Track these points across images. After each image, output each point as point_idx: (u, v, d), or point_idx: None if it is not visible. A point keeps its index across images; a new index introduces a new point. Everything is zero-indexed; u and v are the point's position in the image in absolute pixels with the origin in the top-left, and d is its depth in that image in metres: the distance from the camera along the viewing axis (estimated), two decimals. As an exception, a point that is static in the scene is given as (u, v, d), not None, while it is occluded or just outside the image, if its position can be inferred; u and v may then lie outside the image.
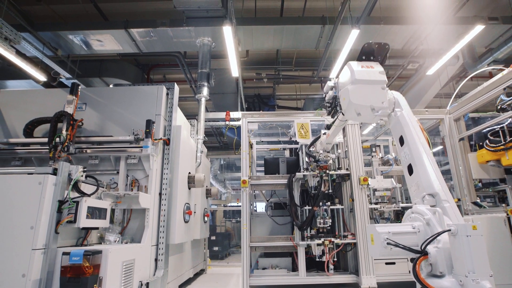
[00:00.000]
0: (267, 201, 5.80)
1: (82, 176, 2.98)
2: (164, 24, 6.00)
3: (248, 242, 4.56)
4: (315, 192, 4.44)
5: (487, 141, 4.12)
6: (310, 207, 4.42)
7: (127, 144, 3.89)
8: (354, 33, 5.71)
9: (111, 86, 4.82)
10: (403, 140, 2.56)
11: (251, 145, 5.65)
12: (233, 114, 8.27)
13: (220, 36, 5.93)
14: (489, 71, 8.18)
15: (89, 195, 2.97)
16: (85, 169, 3.06)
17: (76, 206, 2.80)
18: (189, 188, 4.79)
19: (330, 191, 4.50)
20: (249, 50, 7.85)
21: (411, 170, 2.47)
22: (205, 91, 5.93)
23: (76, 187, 2.91)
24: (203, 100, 5.89)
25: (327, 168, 4.46)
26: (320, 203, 4.38)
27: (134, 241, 3.70)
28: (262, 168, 5.69)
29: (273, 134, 6.54)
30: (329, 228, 4.48)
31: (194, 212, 5.01)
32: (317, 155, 4.35)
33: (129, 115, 4.13)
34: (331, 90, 2.98)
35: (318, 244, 4.33)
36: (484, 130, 4.31)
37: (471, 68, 7.25)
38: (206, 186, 5.99)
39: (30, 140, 3.93)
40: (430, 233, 2.03)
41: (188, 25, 5.88)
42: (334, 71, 7.06)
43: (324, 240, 4.32)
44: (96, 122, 4.13)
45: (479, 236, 1.77)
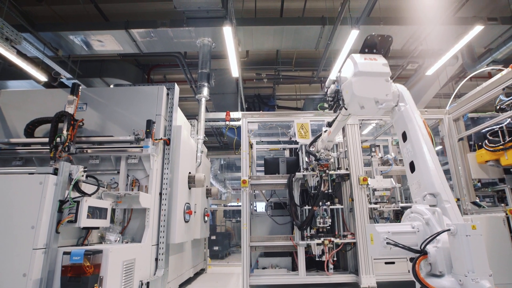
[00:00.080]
0: (267, 201, 5.81)
1: (83, 176, 2.99)
2: (165, 25, 6.01)
3: (248, 242, 4.57)
4: (315, 192, 4.45)
5: (486, 141, 4.13)
6: (310, 207, 4.43)
7: (128, 144, 3.91)
8: (354, 34, 5.72)
9: (112, 86, 4.83)
10: (406, 136, 2.50)
11: (251, 145, 5.66)
12: (233, 114, 8.28)
13: (220, 37, 5.95)
14: (488, 72, 8.19)
15: (90, 195, 2.98)
16: (86, 169, 3.07)
17: (77, 206, 2.80)
18: (190, 188, 4.80)
19: (330, 191, 4.51)
20: (249, 51, 7.85)
21: (413, 168, 2.41)
22: (205, 91, 5.94)
23: (77, 187, 2.91)
24: (203, 100, 5.90)
25: (328, 167, 4.45)
26: (320, 203, 4.38)
27: (135, 241, 3.71)
28: (262, 168, 5.70)
29: (273, 134, 6.55)
30: (329, 228, 4.49)
31: (195, 212, 5.02)
32: (318, 154, 4.33)
33: (130, 115, 4.14)
34: (333, 84, 2.90)
35: (318, 244, 4.34)
36: (483, 130, 4.32)
37: (470, 69, 7.25)
38: (206, 186, 6.00)
39: (31, 140, 3.94)
40: (430, 233, 2.02)
41: (188, 26, 5.89)
42: (334, 71, 7.07)
43: (324, 240, 4.33)
44: (97, 122, 4.14)
45: (479, 236, 1.77)
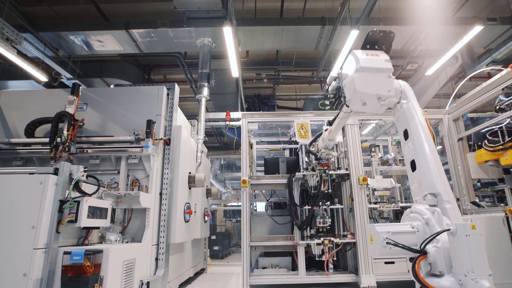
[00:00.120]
0: (267, 201, 5.82)
1: (83, 176, 2.99)
2: (165, 25, 6.01)
3: (248, 242, 4.58)
4: (315, 192, 4.46)
5: (486, 141, 4.14)
6: (310, 207, 4.44)
7: (128, 144, 3.91)
8: (354, 34, 5.73)
9: (112, 87, 4.83)
10: (408, 134, 2.47)
11: (251, 145, 5.67)
12: (233, 114, 8.28)
13: (220, 37, 5.95)
14: (488, 72, 8.20)
15: (90, 195, 2.98)
16: (86, 169, 3.07)
17: (77, 206, 2.80)
18: (190, 188, 4.80)
19: (330, 191, 4.52)
20: (249, 51, 7.85)
21: (414, 166, 2.39)
22: (206, 92, 5.94)
23: (77, 187, 2.92)
24: (204, 100, 5.90)
25: (328, 166, 4.45)
26: (320, 203, 4.40)
27: (135, 241, 3.71)
28: (262, 168, 5.71)
29: (273, 134, 6.56)
30: (329, 228, 4.51)
31: (195, 212, 5.02)
32: (319, 153, 4.32)
33: (130, 115, 4.15)
34: (335, 81, 2.85)
35: (318, 244, 4.35)
36: (483, 130, 4.33)
37: (470, 69, 7.26)
38: (207, 186, 6.00)
39: (32, 140, 3.94)
40: (429, 233, 2.02)
41: (189, 26, 5.89)
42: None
43: (324, 240, 4.33)
44: (97, 122, 4.14)
45: (478, 236, 1.77)
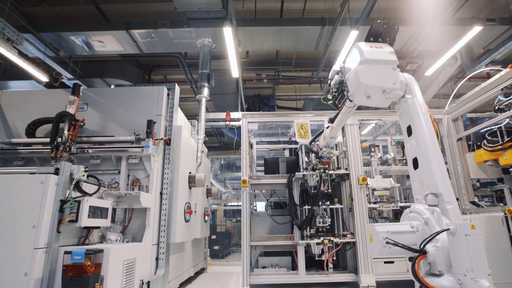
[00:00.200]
0: (267, 201, 5.83)
1: (84, 176, 3.00)
2: (165, 25, 6.02)
3: (248, 241, 4.59)
4: (315, 192, 4.47)
5: (485, 141, 4.15)
6: (310, 207, 4.45)
7: (128, 144, 3.92)
8: (353, 34, 5.75)
9: (113, 87, 4.83)
10: (411, 131, 2.42)
11: (251, 145, 5.68)
12: (233, 115, 8.28)
13: (221, 37, 5.97)
14: (487, 72, 8.21)
15: (91, 195, 2.99)
16: (87, 169, 3.07)
17: (78, 206, 2.81)
18: (190, 188, 4.81)
19: (330, 191, 4.54)
20: (249, 51, 7.87)
21: (416, 164, 2.35)
22: (206, 92, 5.95)
23: (78, 187, 2.93)
24: (204, 101, 5.92)
25: (329, 164, 4.43)
26: (320, 203, 4.41)
27: (135, 240, 3.72)
28: (262, 168, 5.72)
29: (273, 134, 6.56)
30: (329, 227, 4.52)
31: (195, 212, 5.03)
32: (320, 152, 4.29)
33: (130, 115, 4.16)
34: (337, 75, 2.76)
35: (318, 243, 4.36)
36: (482, 130, 4.34)
37: (469, 69, 7.27)
38: (207, 186, 6.02)
39: (32, 140, 3.96)
40: (429, 232, 2.03)
41: (189, 26, 5.90)
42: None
43: (324, 239, 4.35)
44: (98, 122, 4.16)
45: (478, 235, 1.78)
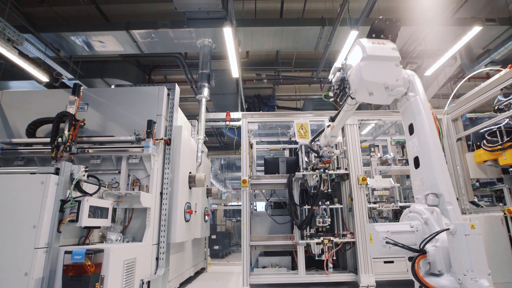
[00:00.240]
0: (267, 201, 5.84)
1: (84, 176, 3.00)
2: (165, 26, 6.03)
3: (248, 241, 4.60)
4: (315, 192, 4.47)
5: (485, 141, 4.16)
6: (310, 207, 4.46)
7: (129, 144, 3.93)
8: (353, 34, 5.76)
9: (113, 87, 4.84)
10: (413, 129, 2.40)
11: (251, 145, 5.69)
12: (233, 115, 8.29)
13: (221, 37, 5.97)
14: (487, 72, 8.21)
15: (91, 195, 3.00)
16: (87, 169, 3.08)
17: (78, 206, 2.81)
18: (190, 188, 4.82)
19: (329, 191, 4.55)
20: (249, 51, 7.88)
21: (417, 163, 2.34)
22: (206, 92, 5.96)
23: (78, 187, 2.93)
24: (204, 101, 5.93)
25: (330, 163, 4.42)
26: (320, 203, 4.42)
27: (136, 240, 3.73)
28: (262, 168, 5.73)
29: (273, 134, 6.56)
30: (328, 227, 4.52)
31: (195, 211, 5.04)
32: (321, 151, 4.27)
33: (131, 116, 4.17)
34: (339, 72, 2.74)
35: (318, 243, 4.36)
36: (482, 130, 4.35)
37: (469, 69, 7.29)
38: (207, 186, 6.02)
39: (33, 140, 3.96)
40: (428, 232, 2.03)
41: (189, 27, 5.91)
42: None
43: (323, 239, 4.35)
44: (98, 122, 4.16)
45: (477, 235, 1.78)
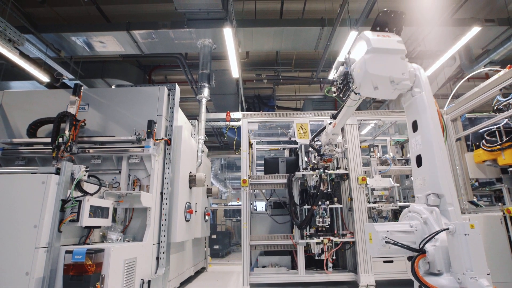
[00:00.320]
0: (267, 200, 5.85)
1: (85, 176, 3.01)
2: (166, 26, 6.05)
3: (248, 241, 4.61)
4: (314, 192, 4.49)
5: (484, 141, 4.16)
6: (309, 206, 4.47)
7: (129, 144, 3.93)
8: (353, 35, 5.77)
9: (113, 87, 4.85)
10: (417, 126, 2.34)
11: (251, 145, 5.70)
12: (234, 115, 8.30)
13: (221, 38, 5.99)
14: (486, 72, 8.23)
15: (92, 194, 3.01)
16: (88, 169, 3.08)
17: (79, 205, 2.82)
18: (190, 188, 4.83)
19: (329, 191, 4.56)
20: (249, 52, 7.90)
21: (420, 162, 2.30)
22: (206, 92, 5.98)
23: (79, 187, 2.94)
24: (204, 101, 5.94)
25: (332, 162, 4.41)
26: (319, 202, 4.43)
27: (136, 240, 3.74)
28: (262, 168, 5.74)
29: (273, 134, 6.57)
30: (328, 227, 4.53)
31: (195, 211, 5.05)
32: (322, 149, 4.24)
33: (131, 116, 4.18)
34: (342, 66, 2.67)
35: (317, 243, 4.38)
36: (481, 131, 4.35)
37: (468, 69, 7.30)
38: (207, 186, 6.03)
39: (34, 140, 3.97)
40: (428, 232, 2.04)
41: (189, 27, 5.93)
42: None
43: (323, 239, 4.36)
44: (99, 123, 4.17)
45: (477, 235, 1.79)
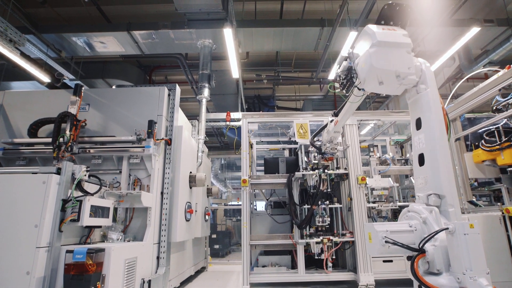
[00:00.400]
0: (267, 200, 5.86)
1: (86, 176, 3.02)
2: (166, 27, 6.06)
3: (248, 240, 4.62)
4: (314, 191, 4.50)
5: (483, 141, 4.17)
6: (309, 206, 4.49)
7: (130, 144, 3.95)
8: (352, 35, 5.79)
9: (114, 87, 4.87)
10: (421, 124, 2.29)
11: (251, 145, 5.71)
12: (234, 115, 8.31)
13: (221, 38, 6.00)
14: (485, 73, 8.22)
15: (92, 194, 3.02)
16: (88, 169, 3.10)
17: (80, 205, 2.84)
18: (190, 187, 4.84)
19: (329, 190, 4.58)
20: (249, 52, 7.91)
21: (422, 161, 2.27)
22: (206, 92, 5.99)
23: (80, 186, 2.95)
24: (204, 101, 5.95)
25: (333, 160, 4.41)
26: (319, 202, 4.44)
27: (136, 239, 3.75)
28: (262, 168, 5.76)
29: (273, 134, 6.59)
30: (328, 227, 4.55)
31: (195, 211, 5.06)
32: (324, 147, 4.21)
33: (132, 116, 4.20)
34: (345, 61, 2.60)
35: (317, 242, 4.40)
36: (480, 131, 4.36)
37: (467, 70, 7.31)
38: (207, 185, 6.04)
39: (34, 140, 3.99)
40: (427, 232, 2.04)
41: (189, 27, 5.94)
42: (333, 72, 7.13)
43: (323, 238, 4.38)
44: (99, 123, 4.19)
45: (476, 235, 1.79)
